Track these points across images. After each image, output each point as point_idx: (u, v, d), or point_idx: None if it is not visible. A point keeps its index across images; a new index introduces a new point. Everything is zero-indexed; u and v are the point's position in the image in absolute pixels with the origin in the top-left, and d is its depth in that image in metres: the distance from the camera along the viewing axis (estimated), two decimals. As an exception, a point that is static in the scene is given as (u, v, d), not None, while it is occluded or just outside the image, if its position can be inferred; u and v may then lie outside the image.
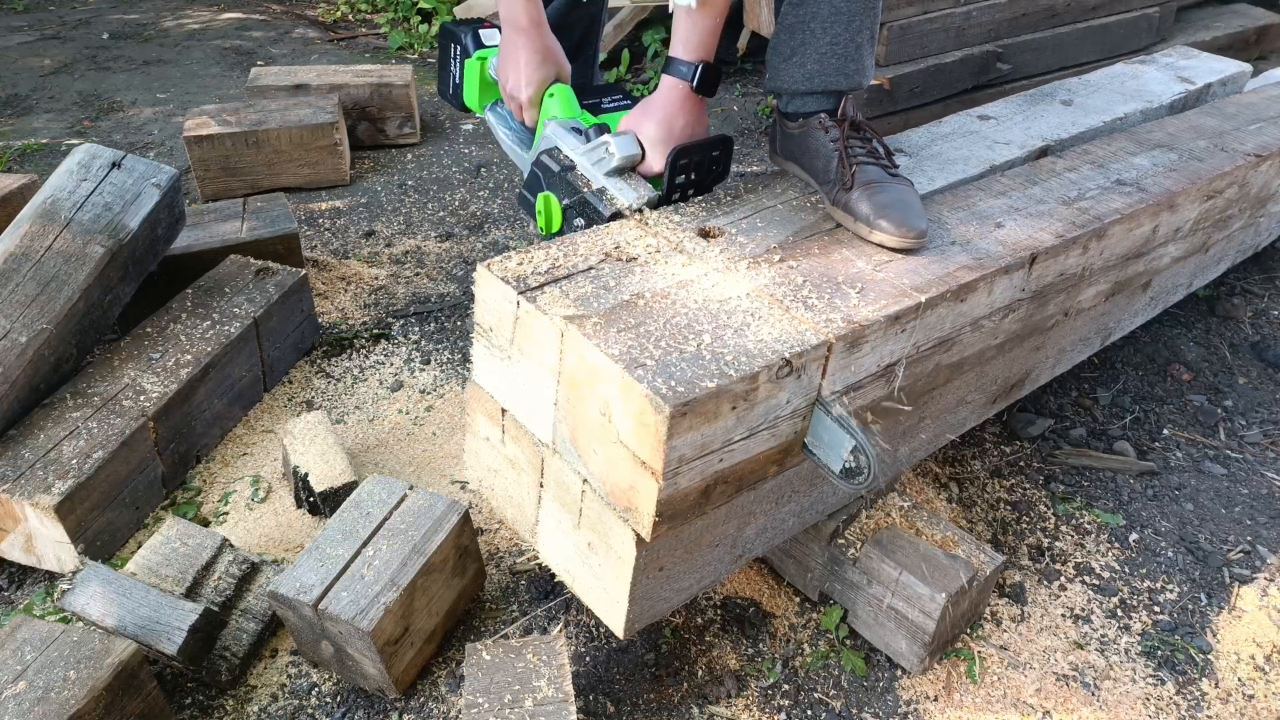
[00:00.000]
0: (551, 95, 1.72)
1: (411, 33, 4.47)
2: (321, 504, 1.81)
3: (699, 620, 1.70)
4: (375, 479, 1.65)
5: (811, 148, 1.59)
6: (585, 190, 1.58)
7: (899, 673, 1.62)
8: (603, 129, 1.63)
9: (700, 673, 1.61)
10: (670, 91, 1.56)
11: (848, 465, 1.26)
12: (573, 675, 1.41)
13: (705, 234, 1.47)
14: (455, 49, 1.94)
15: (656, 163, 1.57)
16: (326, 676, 1.58)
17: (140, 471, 1.80)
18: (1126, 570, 1.84)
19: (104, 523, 1.72)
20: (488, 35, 1.91)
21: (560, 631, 1.49)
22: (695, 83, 1.54)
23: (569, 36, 2.11)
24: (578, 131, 1.65)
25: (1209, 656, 1.68)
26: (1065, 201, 1.72)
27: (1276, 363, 2.41)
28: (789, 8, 1.55)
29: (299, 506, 1.87)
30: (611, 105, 1.78)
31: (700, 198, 1.60)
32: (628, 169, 1.58)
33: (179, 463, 1.91)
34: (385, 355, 2.32)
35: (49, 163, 3.16)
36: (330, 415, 2.11)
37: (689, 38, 1.53)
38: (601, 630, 1.66)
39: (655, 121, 1.56)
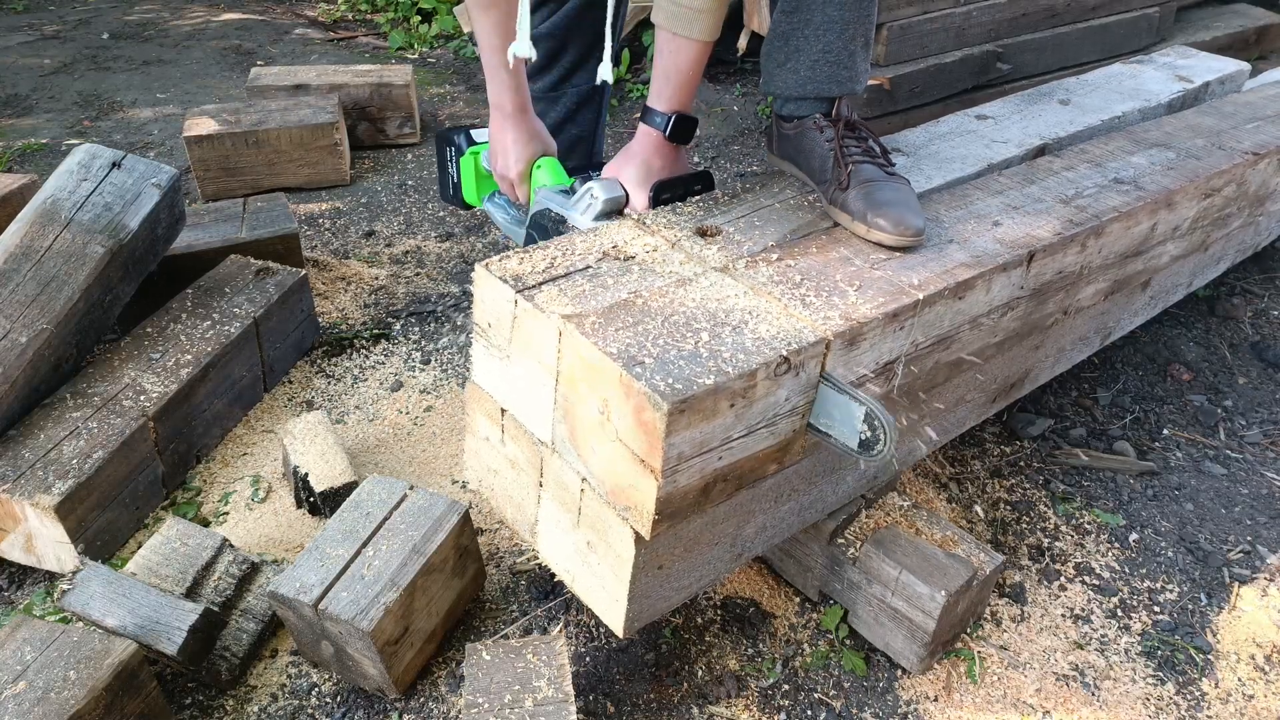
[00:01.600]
0: (539, 168, 1.80)
1: (411, 33, 4.47)
2: (321, 504, 1.81)
3: (699, 620, 1.70)
4: (375, 479, 1.65)
5: (807, 148, 1.59)
6: None
7: (899, 673, 1.62)
8: (586, 179, 1.70)
9: (700, 673, 1.61)
10: (645, 138, 1.64)
11: (864, 437, 1.25)
12: (573, 675, 1.41)
13: (703, 233, 1.48)
14: (450, 151, 2.05)
15: (639, 201, 1.63)
16: (326, 676, 1.58)
17: (140, 471, 1.80)
18: (1126, 570, 1.84)
19: (104, 523, 1.72)
20: (478, 134, 2.02)
21: (560, 631, 1.50)
22: (668, 132, 1.62)
23: (581, 39, 2.13)
24: (566, 193, 1.72)
25: (1209, 656, 1.68)
26: (1063, 200, 1.72)
27: (1276, 363, 2.41)
28: (781, 15, 1.55)
29: (299, 506, 1.87)
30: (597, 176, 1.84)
31: (698, 198, 1.60)
32: (614, 211, 1.64)
33: (179, 463, 1.91)
34: (385, 355, 2.32)
35: (49, 163, 3.17)
36: (330, 415, 2.11)
37: (663, 89, 1.61)
38: (601, 630, 1.66)
39: (634, 165, 1.64)
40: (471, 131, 2.04)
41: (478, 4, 1.69)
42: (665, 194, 1.61)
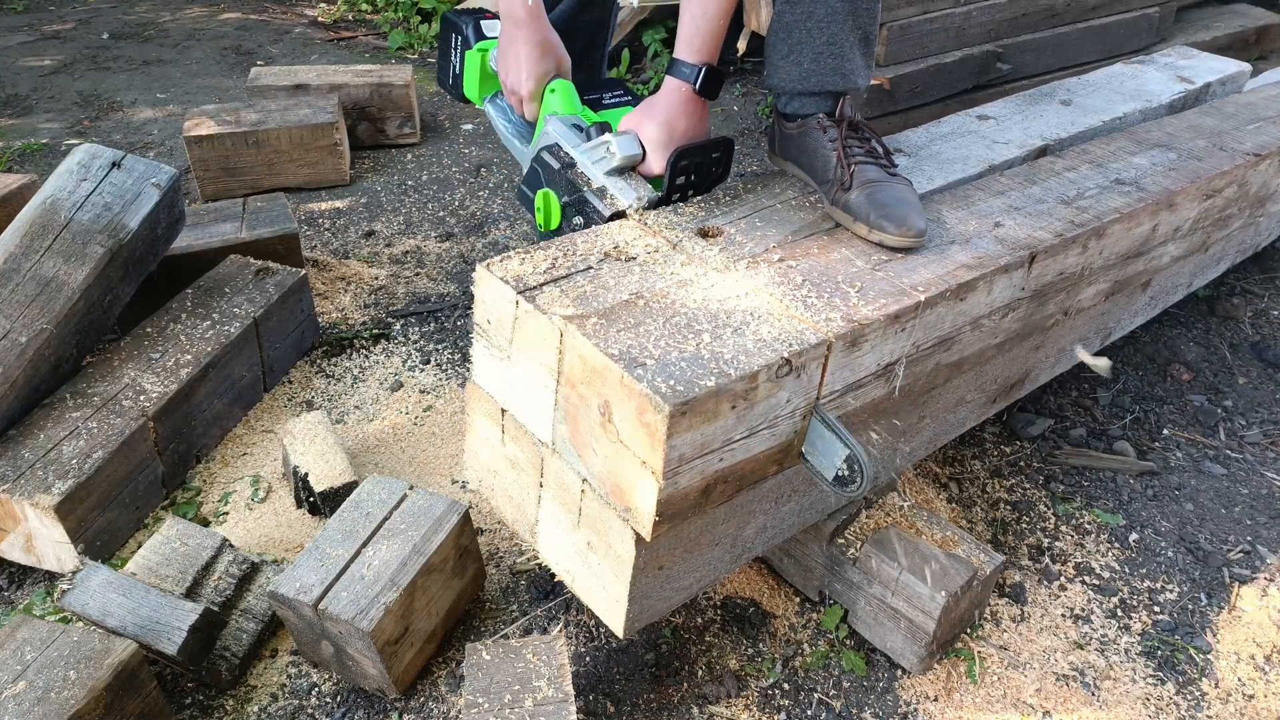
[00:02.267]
0: (553, 90, 1.71)
1: (411, 33, 4.47)
2: (321, 504, 1.81)
3: (699, 620, 1.70)
4: (375, 479, 1.65)
5: (810, 148, 1.59)
6: (585, 189, 1.58)
7: (899, 673, 1.62)
8: (604, 127, 1.63)
9: (700, 673, 1.61)
10: (673, 93, 1.56)
11: (840, 473, 1.27)
12: (573, 675, 1.41)
13: (704, 234, 1.48)
14: (456, 39, 1.92)
15: (657, 164, 1.57)
16: (326, 676, 1.58)
17: (140, 471, 1.80)
18: (1126, 570, 1.84)
19: (104, 523, 1.72)
20: (489, 26, 1.88)
21: (560, 631, 1.49)
22: (698, 85, 1.55)
23: (575, 40, 2.11)
24: (578, 128, 1.65)
25: (1209, 656, 1.68)
26: (1064, 201, 1.72)
27: (1276, 363, 2.41)
28: (785, 6, 1.54)
29: (299, 506, 1.87)
30: (613, 101, 1.77)
31: (699, 197, 1.60)
32: (628, 169, 1.58)
33: (179, 463, 1.91)
34: (385, 355, 2.32)
35: (49, 163, 3.16)
36: (330, 415, 2.11)
37: (693, 40, 1.54)
38: (601, 630, 1.66)
39: (657, 123, 1.57)
40: (482, 22, 1.89)
41: None
42: (684, 161, 1.56)
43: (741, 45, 3.57)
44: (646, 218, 1.51)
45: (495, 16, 1.86)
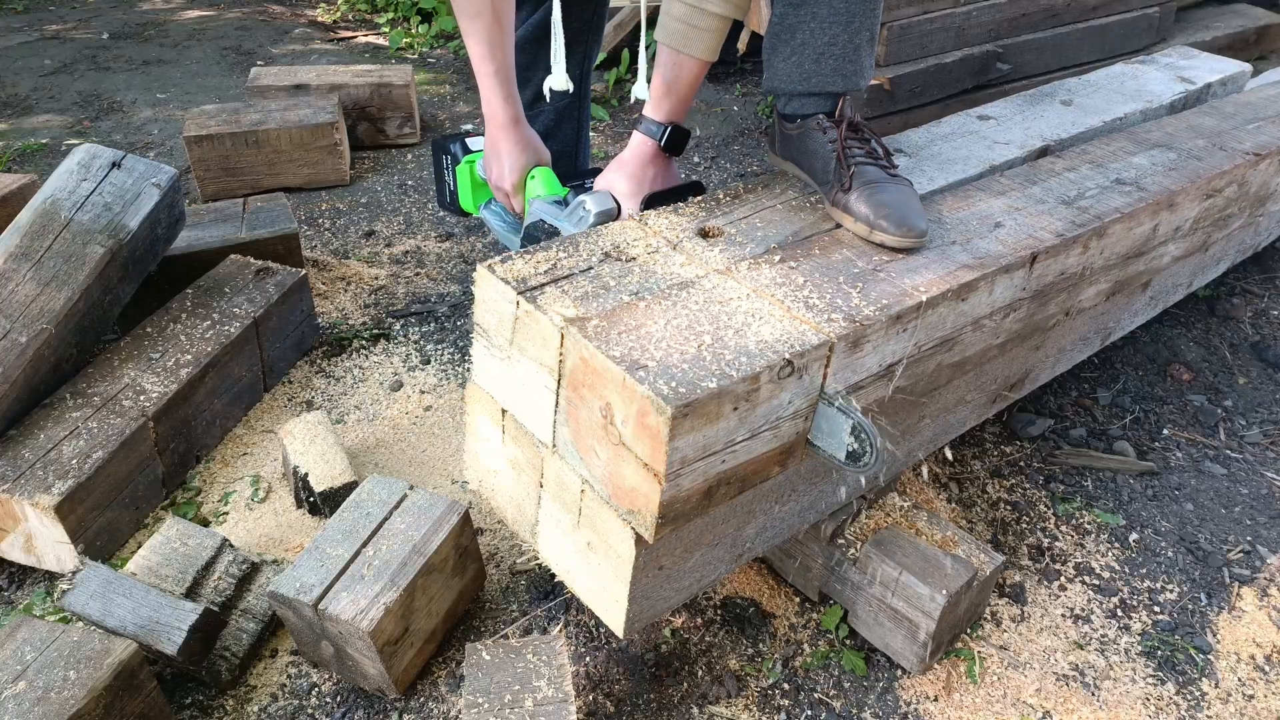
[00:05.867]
0: (533, 178, 1.82)
1: (411, 33, 4.47)
2: (321, 504, 1.81)
3: (699, 620, 1.70)
4: (375, 479, 1.65)
5: (810, 149, 1.59)
6: None
7: (899, 673, 1.62)
8: (579, 189, 1.72)
9: (700, 673, 1.61)
10: (640, 147, 1.66)
11: (851, 449, 1.26)
12: (573, 675, 1.41)
13: (705, 234, 1.48)
14: (446, 159, 2.07)
15: (631, 211, 1.63)
16: (326, 676, 1.58)
17: (140, 471, 1.80)
18: (1126, 570, 1.84)
19: (104, 523, 1.72)
20: (474, 142, 2.04)
21: (560, 631, 1.50)
22: (663, 142, 1.65)
23: (556, 140, 2.15)
24: (560, 204, 1.73)
25: (1209, 656, 1.68)
26: (1065, 201, 1.72)
27: (1276, 363, 2.41)
28: (787, 7, 1.55)
29: (299, 506, 1.87)
30: (592, 183, 1.85)
31: (699, 198, 1.60)
32: (607, 223, 1.63)
33: (179, 463, 1.91)
34: (385, 355, 2.32)
35: (49, 163, 3.16)
36: (330, 415, 2.11)
37: (660, 101, 1.63)
38: (601, 630, 1.66)
39: (625, 176, 1.66)
40: (467, 140, 2.05)
41: (465, 12, 1.69)
42: (657, 206, 1.62)
43: (742, 45, 3.56)
44: (646, 218, 1.51)
45: (479, 134, 2.00)
